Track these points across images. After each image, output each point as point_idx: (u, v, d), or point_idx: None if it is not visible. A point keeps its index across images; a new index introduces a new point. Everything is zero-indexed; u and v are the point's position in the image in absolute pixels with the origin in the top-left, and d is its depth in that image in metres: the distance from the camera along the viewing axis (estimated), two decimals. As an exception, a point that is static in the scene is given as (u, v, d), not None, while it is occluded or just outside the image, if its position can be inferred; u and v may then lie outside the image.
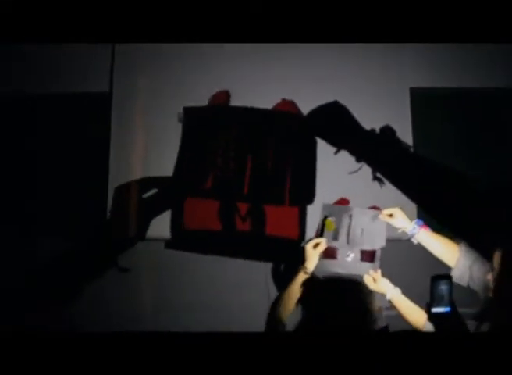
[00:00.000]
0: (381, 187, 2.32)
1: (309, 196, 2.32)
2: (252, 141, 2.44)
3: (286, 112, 2.49)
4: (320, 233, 1.98)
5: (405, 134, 2.38)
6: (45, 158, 2.39)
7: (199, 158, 2.43)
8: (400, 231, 1.92)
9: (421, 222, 1.90)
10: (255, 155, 2.45)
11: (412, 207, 2.19)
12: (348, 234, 1.96)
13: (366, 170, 2.35)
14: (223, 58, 2.47)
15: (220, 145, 2.44)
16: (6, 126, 2.40)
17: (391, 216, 1.92)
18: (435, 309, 1.50)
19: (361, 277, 1.94)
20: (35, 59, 2.33)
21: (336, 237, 1.97)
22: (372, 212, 1.97)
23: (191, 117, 2.47)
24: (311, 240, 1.95)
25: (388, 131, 2.51)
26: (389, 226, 1.96)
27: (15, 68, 2.33)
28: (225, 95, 2.46)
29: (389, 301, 1.87)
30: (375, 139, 2.46)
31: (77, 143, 2.39)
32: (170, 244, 2.30)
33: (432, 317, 1.52)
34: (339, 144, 2.45)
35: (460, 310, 1.64)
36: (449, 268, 1.82)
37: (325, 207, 2.04)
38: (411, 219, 1.91)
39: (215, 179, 2.40)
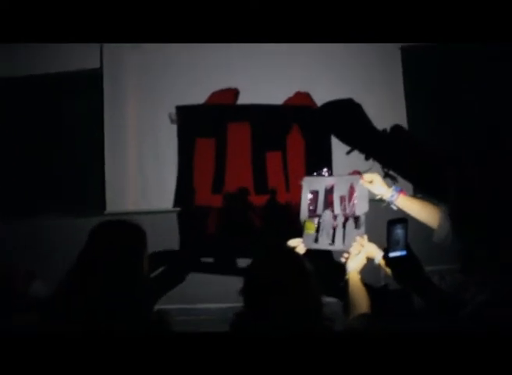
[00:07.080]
0: (394, 183, 2.37)
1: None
2: (267, 138, 2.49)
3: (300, 105, 2.50)
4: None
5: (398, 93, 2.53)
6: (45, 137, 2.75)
7: (208, 163, 2.50)
8: (377, 197, 1.92)
9: (399, 188, 1.90)
10: (271, 152, 2.50)
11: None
12: (332, 233, 1.94)
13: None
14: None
15: (229, 146, 2.49)
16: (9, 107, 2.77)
17: (371, 182, 1.93)
18: (392, 254, 1.49)
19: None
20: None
21: (316, 239, 1.94)
22: (352, 177, 1.98)
23: (188, 118, 2.53)
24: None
25: (399, 130, 2.60)
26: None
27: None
28: (233, 93, 2.51)
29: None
30: (387, 137, 2.55)
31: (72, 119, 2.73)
32: None
33: (390, 262, 1.51)
34: (350, 141, 2.52)
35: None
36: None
37: (306, 181, 2.03)
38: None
39: (226, 181, 2.50)
